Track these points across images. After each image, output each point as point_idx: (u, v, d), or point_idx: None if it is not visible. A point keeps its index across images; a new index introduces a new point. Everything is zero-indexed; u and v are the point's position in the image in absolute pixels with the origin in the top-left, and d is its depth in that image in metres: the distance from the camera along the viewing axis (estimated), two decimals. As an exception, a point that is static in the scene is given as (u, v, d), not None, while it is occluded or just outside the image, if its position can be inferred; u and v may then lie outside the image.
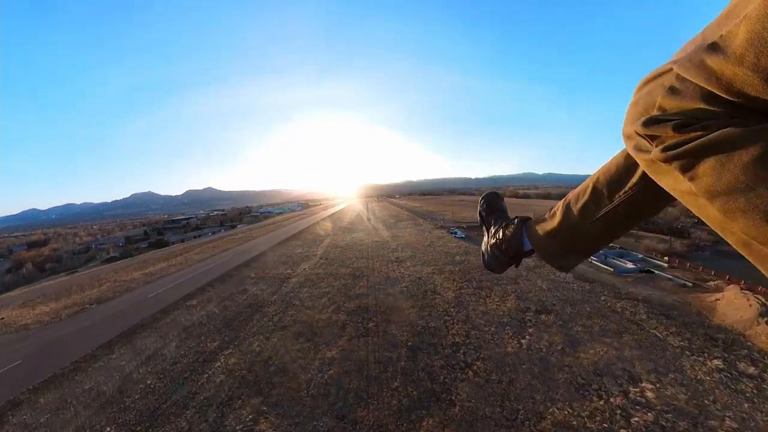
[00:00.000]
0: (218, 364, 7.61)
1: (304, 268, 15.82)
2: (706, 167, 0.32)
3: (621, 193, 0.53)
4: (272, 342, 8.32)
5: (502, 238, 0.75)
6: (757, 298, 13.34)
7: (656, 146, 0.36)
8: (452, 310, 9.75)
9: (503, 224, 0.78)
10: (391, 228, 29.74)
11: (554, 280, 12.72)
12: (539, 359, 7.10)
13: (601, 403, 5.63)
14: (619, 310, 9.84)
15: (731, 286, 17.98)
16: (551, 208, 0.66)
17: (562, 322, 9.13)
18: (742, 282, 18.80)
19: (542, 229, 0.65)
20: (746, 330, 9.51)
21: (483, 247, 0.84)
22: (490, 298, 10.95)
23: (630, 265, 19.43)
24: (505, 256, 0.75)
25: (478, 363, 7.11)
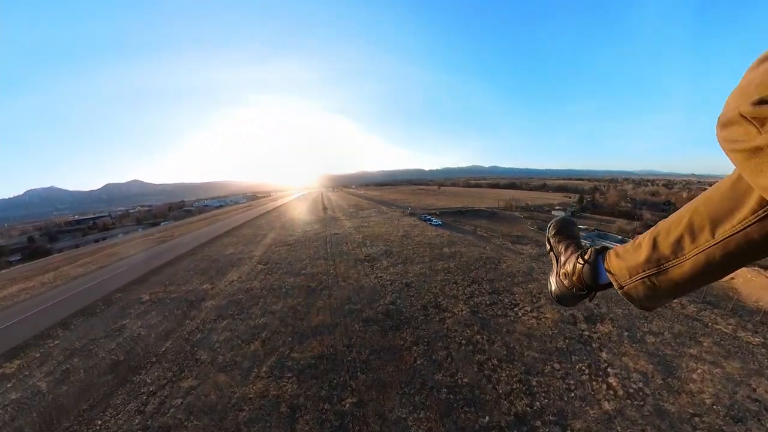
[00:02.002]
0: None
1: (232, 281, 10.66)
2: None
3: (727, 228, 0.40)
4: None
5: (573, 269, 0.66)
6: (777, 276, 12.47)
7: (766, 132, 0.27)
8: (480, 338, 5.93)
9: (577, 253, 0.69)
10: (353, 217, 25.25)
11: (578, 272, 9.95)
12: (655, 412, 4.55)
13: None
14: (666, 303, 8.00)
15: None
16: (635, 239, 0.54)
17: (627, 333, 6.80)
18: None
19: (623, 262, 0.55)
20: (788, 310, 8.94)
21: (551, 278, 0.73)
22: (519, 308, 7.42)
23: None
24: (578, 289, 0.65)
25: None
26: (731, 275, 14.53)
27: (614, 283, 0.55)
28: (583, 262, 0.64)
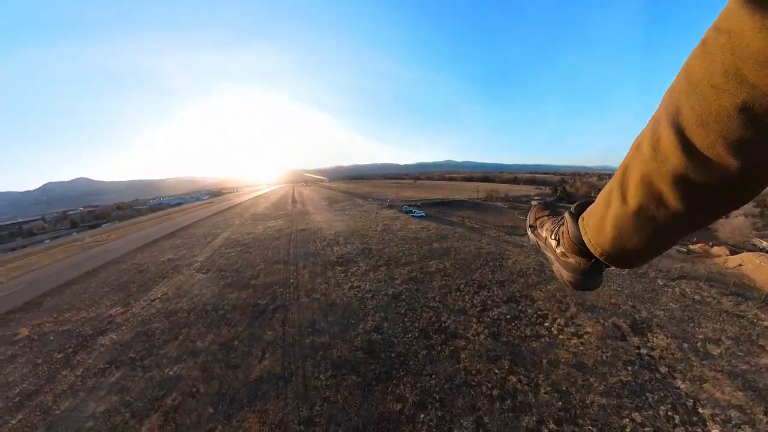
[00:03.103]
0: None
1: (154, 299, 7.75)
2: None
3: None
4: None
5: (565, 242, 0.54)
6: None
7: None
8: (517, 382, 3.81)
9: (558, 225, 0.60)
10: (325, 211, 22.53)
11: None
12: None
13: None
14: (699, 298, 7.22)
15: (717, 248, 17.66)
16: (605, 187, 0.44)
17: (686, 344, 5.30)
18: (722, 245, 18.77)
19: (595, 220, 0.45)
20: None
21: (556, 267, 0.59)
22: (550, 322, 5.46)
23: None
24: (585, 259, 0.50)
25: None
26: (740, 261, 14.08)
27: (592, 250, 0.45)
28: (564, 230, 0.54)
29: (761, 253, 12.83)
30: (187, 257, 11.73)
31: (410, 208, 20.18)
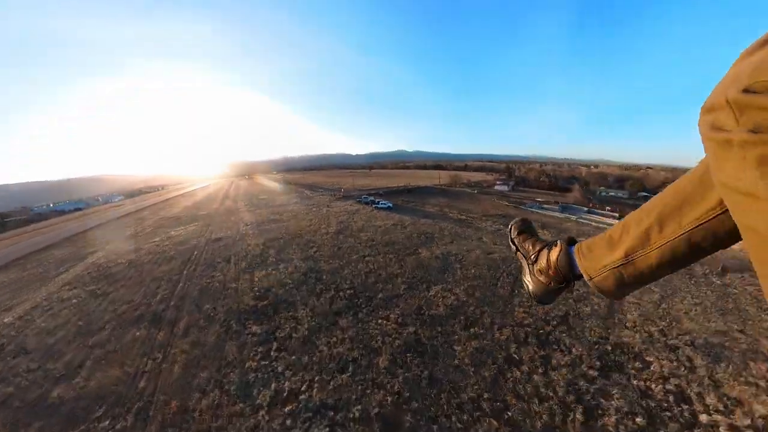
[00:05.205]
0: None
1: None
2: None
3: (693, 219, 0.42)
4: None
5: (548, 263, 0.65)
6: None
7: (743, 124, 0.26)
8: None
9: (546, 247, 0.69)
10: (260, 208, 17.59)
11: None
12: None
13: None
14: (725, 285, 6.14)
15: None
16: (605, 232, 0.56)
17: None
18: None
19: (593, 253, 0.56)
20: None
21: (526, 278, 0.72)
22: (703, 410, 2.30)
23: (609, 220, 16.54)
24: (556, 282, 0.64)
25: None
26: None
27: (584, 275, 0.53)
28: (554, 256, 0.62)
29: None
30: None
31: (373, 199, 16.55)
